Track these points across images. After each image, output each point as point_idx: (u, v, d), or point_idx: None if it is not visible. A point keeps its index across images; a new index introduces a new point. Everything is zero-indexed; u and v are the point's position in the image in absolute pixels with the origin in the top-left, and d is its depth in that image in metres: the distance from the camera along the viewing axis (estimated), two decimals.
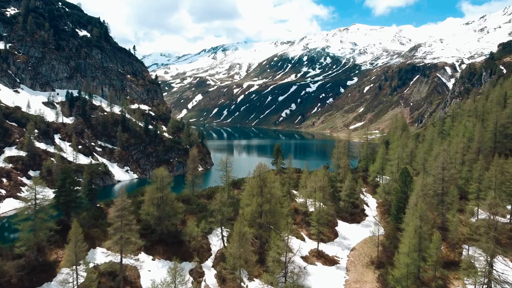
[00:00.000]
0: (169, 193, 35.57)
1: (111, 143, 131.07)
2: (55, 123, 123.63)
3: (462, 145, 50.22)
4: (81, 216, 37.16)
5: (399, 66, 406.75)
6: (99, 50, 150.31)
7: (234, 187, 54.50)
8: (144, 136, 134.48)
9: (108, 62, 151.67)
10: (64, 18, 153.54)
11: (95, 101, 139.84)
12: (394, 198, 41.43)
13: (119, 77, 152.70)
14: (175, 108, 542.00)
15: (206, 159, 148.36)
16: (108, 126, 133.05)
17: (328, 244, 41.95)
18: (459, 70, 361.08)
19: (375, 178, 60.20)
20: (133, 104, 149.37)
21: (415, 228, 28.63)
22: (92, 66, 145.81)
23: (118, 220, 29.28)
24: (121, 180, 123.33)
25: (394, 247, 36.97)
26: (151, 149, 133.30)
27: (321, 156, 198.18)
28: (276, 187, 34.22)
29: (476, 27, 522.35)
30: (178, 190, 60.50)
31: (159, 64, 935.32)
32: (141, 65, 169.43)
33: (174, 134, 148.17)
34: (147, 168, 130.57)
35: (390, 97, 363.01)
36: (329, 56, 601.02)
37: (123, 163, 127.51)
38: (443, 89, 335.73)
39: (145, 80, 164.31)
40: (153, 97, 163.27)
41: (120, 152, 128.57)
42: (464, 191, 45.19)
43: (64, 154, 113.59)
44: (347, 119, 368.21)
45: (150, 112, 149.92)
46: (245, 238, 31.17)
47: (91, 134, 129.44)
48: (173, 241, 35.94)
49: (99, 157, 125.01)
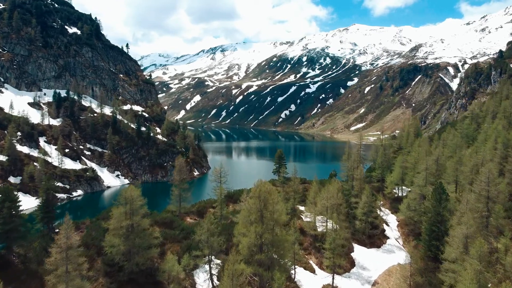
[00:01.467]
0: (142, 220, 27.58)
1: (101, 146, 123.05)
2: (41, 125, 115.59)
3: (500, 152, 42.50)
4: (30, 247, 29.23)
5: (400, 66, 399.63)
6: (90, 48, 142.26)
7: (230, 201, 46.66)
8: (136, 138, 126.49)
9: (99, 60, 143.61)
10: (52, 14, 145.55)
11: (85, 101, 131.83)
12: (426, 220, 33.68)
13: (110, 77, 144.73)
14: (173, 109, 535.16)
15: (202, 162, 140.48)
16: (98, 128, 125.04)
17: (343, 276, 33.99)
18: (461, 70, 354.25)
19: (393, 190, 52.50)
20: (126, 105, 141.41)
21: (475, 273, 20.96)
22: (82, 65, 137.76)
23: (62, 264, 21.47)
24: (111, 185, 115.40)
25: (429, 283, 29.33)
26: (144, 153, 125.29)
27: (323, 159, 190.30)
28: (280, 211, 26.55)
29: (477, 27, 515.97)
30: (164, 205, 52.69)
31: (157, 64, 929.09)
32: (134, 64, 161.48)
33: (168, 136, 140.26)
34: (139, 173, 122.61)
35: (391, 97, 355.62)
36: (328, 57, 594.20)
37: (113, 168, 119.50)
38: (446, 90, 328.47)
39: (138, 80, 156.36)
40: (147, 98, 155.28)
41: (110, 155, 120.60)
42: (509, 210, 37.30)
43: (49, 158, 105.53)
44: (348, 120, 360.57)
45: (143, 113, 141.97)
46: (240, 279, 23.44)
47: (79, 136, 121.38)
48: (147, 281, 27.32)
49: (88, 161, 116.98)
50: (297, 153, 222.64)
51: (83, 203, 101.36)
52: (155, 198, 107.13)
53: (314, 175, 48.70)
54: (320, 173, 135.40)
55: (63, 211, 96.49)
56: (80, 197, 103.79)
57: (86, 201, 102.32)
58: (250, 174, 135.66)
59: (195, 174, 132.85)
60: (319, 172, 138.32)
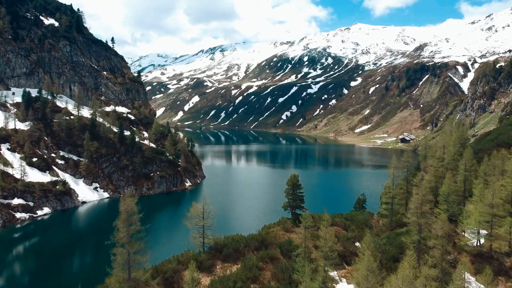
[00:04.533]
0: None
1: (77, 154, 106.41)
2: (4, 129, 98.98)
3: None
4: None
5: (406, 65, 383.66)
6: (68, 42, 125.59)
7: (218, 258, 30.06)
8: (119, 145, 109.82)
9: (79, 56, 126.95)
10: (26, 4, 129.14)
11: (60, 102, 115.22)
12: None
13: (92, 74, 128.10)
14: (171, 110, 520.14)
15: (195, 171, 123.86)
16: (74, 133, 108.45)
17: None
18: (471, 69, 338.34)
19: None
20: (108, 105, 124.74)
21: None
22: (58, 60, 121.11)
23: None
24: (87, 200, 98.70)
25: None
26: (127, 161, 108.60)
27: (332, 165, 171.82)
28: None
29: (483, 26, 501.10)
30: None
31: (156, 65, 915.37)
32: (120, 60, 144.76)
33: (157, 141, 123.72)
34: (121, 185, 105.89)
35: (398, 98, 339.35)
36: (330, 56, 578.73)
37: (90, 179, 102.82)
38: (455, 90, 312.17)
39: (125, 78, 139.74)
40: (134, 98, 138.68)
41: (87, 165, 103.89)
42: None
43: (10, 169, 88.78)
44: (352, 122, 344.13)
45: (128, 116, 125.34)
46: None
47: (51, 143, 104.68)
48: None
49: (60, 171, 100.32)
50: (300, 157, 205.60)
51: (50, 223, 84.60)
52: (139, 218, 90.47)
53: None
54: (333, 184, 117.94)
55: (24, 234, 79.95)
56: (47, 216, 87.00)
57: (55, 221, 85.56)
58: (251, 190, 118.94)
59: (186, 185, 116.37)
60: (331, 183, 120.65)
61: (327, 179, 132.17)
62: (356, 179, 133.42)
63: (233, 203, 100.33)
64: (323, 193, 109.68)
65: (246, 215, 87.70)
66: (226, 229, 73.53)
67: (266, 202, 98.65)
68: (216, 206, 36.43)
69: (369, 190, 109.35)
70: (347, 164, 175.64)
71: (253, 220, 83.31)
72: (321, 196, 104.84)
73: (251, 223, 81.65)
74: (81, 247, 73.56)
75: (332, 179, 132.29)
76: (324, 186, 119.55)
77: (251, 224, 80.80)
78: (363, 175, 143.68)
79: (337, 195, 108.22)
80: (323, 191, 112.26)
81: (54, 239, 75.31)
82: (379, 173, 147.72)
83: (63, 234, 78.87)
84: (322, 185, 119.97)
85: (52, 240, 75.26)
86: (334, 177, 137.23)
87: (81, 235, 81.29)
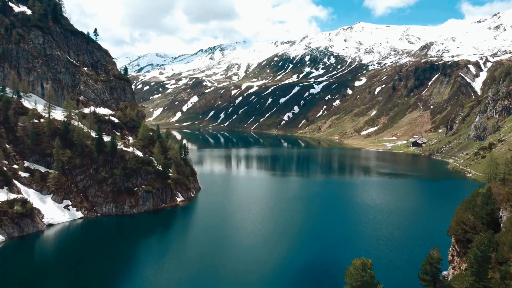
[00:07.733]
0: None
1: (46, 164, 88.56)
2: None
3: None
4: None
5: (414, 64, 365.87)
6: (41, 32, 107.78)
7: None
8: (96, 153, 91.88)
9: (54, 48, 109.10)
10: None
11: (29, 102, 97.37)
12: None
13: (69, 70, 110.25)
14: (169, 111, 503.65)
15: (188, 183, 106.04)
16: (43, 139, 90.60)
17: None
18: (483, 68, 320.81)
19: None
20: (88, 106, 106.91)
21: None
22: (28, 54, 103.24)
23: None
24: (56, 222, 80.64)
25: None
26: (106, 173, 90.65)
27: (346, 171, 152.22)
28: None
29: (490, 25, 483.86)
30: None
31: (155, 64, 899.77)
32: (104, 54, 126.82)
33: (145, 148, 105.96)
34: (99, 202, 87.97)
35: (406, 99, 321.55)
36: (333, 56, 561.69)
37: (61, 195, 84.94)
38: (467, 90, 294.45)
39: (109, 75, 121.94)
40: (119, 98, 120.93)
41: (57, 178, 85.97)
42: None
43: None
44: (358, 124, 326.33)
45: (111, 118, 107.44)
46: None
47: (13, 151, 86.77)
48: None
49: (23, 186, 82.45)
50: (307, 163, 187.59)
51: (4, 254, 66.26)
52: (118, 244, 72.31)
53: None
54: (351, 198, 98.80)
55: None
56: (1, 245, 68.74)
57: (10, 252, 67.29)
58: (256, 205, 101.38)
59: (178, 201, 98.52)
60: (350, 195, 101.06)
61: (346, 190, 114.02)
62: (378, 190, 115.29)
63: (235, 224, 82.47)
64: (344, 214, 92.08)
65: (253, 244, 69.66)
66: (226, 269, 54.63)
67: (277, 224, 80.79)
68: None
69: (395, 207, 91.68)
70: (363, 170, 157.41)
71: (266, 251, 65.73)
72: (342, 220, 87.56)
73: (263, 255, 63.84)
74: (42, 284, 55.93)
75: (352, 190, 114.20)
76: (344, 199, 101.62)
77: (264, 257, 62.94)
78: (384, 185, 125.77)
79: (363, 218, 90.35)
80: (344, 207, 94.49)
81: (7, 276, 56.81)
82: (401, 183, 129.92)
83: (18, 270, 60.31)
84: (340, 199, 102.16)
85: (5, 277, 56.80)
86: (353, 187, 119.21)
87: (44, 267, 63.19)
